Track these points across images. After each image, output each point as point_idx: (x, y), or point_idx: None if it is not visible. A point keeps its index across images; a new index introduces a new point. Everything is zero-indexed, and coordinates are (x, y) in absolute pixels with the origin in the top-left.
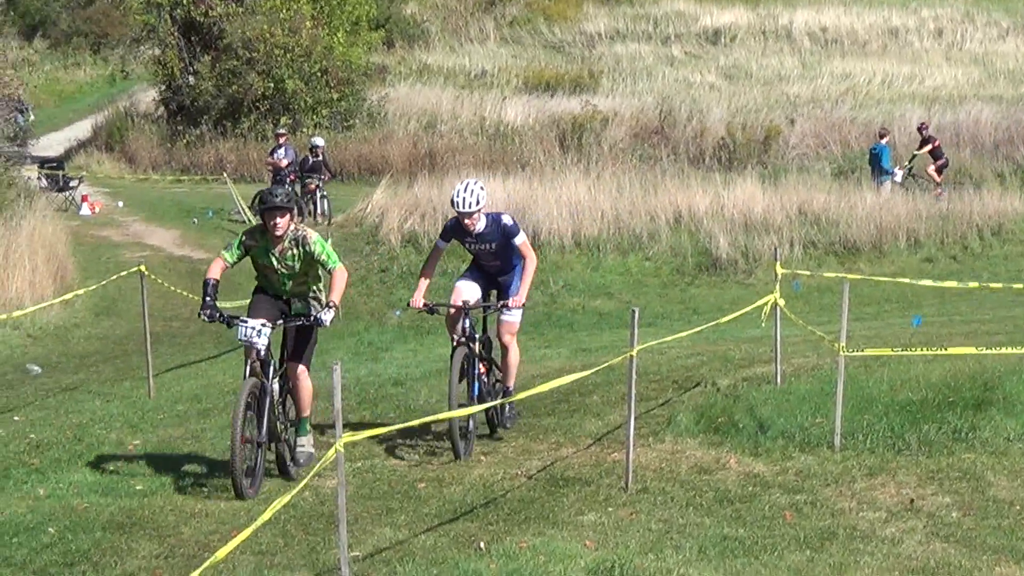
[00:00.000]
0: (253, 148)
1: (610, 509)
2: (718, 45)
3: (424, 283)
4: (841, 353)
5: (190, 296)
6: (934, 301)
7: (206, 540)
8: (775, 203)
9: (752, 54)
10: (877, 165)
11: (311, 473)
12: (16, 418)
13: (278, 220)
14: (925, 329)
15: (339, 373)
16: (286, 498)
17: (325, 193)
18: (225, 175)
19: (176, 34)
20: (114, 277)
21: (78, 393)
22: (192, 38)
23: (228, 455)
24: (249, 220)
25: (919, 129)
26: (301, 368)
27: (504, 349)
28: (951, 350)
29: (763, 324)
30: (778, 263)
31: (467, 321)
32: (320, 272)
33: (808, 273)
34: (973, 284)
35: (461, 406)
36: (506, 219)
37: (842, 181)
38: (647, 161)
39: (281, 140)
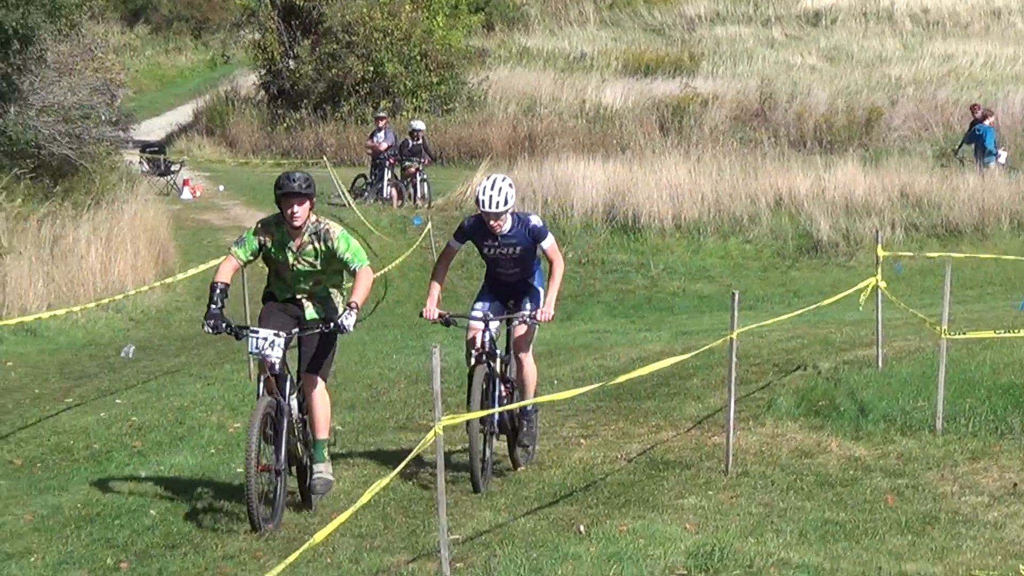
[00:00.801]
0: (353, 132)
1: (710, 493)
2: (819, 27)
3: (436, 289)
4: (943, 336)
5: None
6: None
7: (306, 523)
8: (876, 185)
9: (853, 36)
10: (981, 146)
11: (411, 455)
12: (118, 401)
13: (296, 208)
14: None
15: (438, 356)
16: (385, 481)
17: (425, 176)
18: (325, 159)
19: (276, 18)
20: (214, 261)
21: (179, 376)
22: (292, 22)
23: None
24: (349, 204)
25: None
26: (318, 382)
27: (519, 364)
28: None
29: (861, 308)
30: (879, 246)
31: (488, 334)
32: (343, 272)
33: (910, 254)
34: None
35: (484, 433)
36: (535, 220)
37: (944, 163)
38: (747, 144)
39: (381, 124)
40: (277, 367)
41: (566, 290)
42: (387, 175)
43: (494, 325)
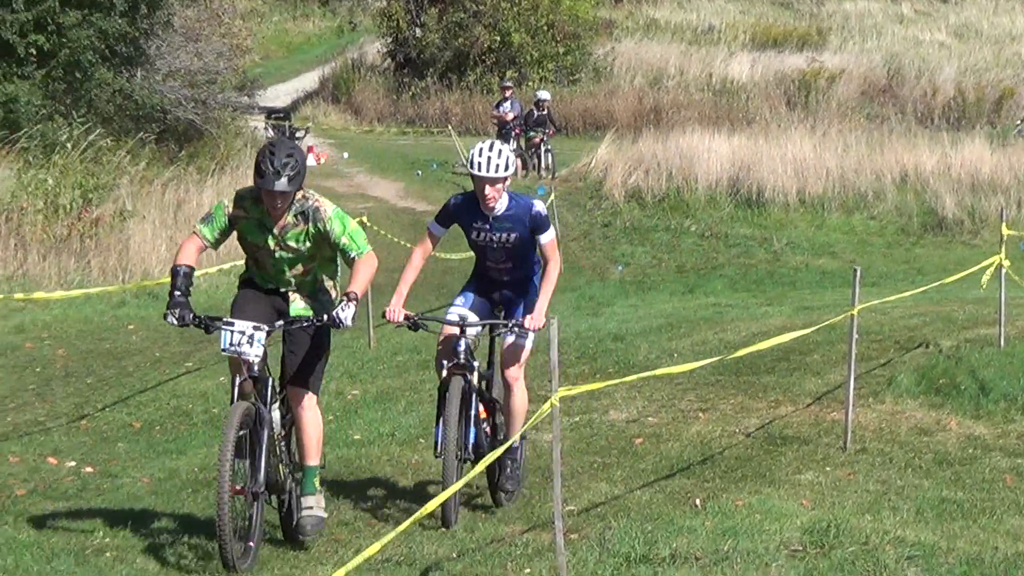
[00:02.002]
0: (478, 101)
1: (828, 469)
2: (948, 3)
3: (405, 285)
4: None
5: (409, 245)
6: None
7: (421, 490)
8: (1003, 164)
9: (983, 12)
10: None
11: (526, 425)
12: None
13: (279, 202)
14: None
15: (557, 326)
16: (500, 450)
17: (550, 147)
18: (450, 128)
19: None
20: None
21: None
22: None
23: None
24: None
25: None
26: (307, 396)
27: (507, 388)
28: None
29: (983, 288)
30: (1004, 224)
31: (464, 343)
32: (337, 259)
33: None
34: None
35: (460, 459)
36: (538, 206)
37: None
38: (874, 119)
39: (507, 93)
40: (257, 368)
41: (688, 262)
42: (512, 145)
43: (472, 331)
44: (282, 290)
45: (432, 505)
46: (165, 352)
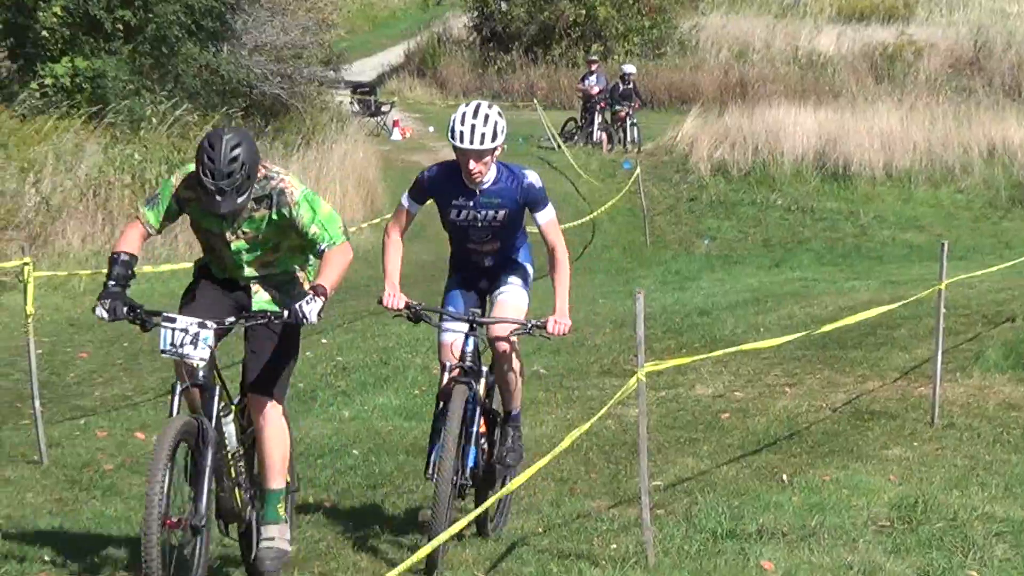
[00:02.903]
0: (564, 75)
1: (915, 444)
2: None
3: (394, 266)
4: None
5: None
6: None
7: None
8: None
9: None
10: None
11: (612, 401)
12: (324, 341)
13: (219, 200)
14: None
15: (642, 301)
16: (586, 426)
17: (635, 121)
18: (536, 101)
19: None
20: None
21: (384, 316)
22: None
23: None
24: (559, 147)
25: None
26: (269, 405)
27: (500, 359)
28: None
29: None
30: None
31: (473, 342)
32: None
33: None
34: None
35: (455, 486)
36: (532, 177)
37: None
38: (961, 92)
39: (592, 67)
40: (201, 375)
41: (775, 236)
42: (597, 119)
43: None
44: (242, 283)
45: (519, 481)
46: None
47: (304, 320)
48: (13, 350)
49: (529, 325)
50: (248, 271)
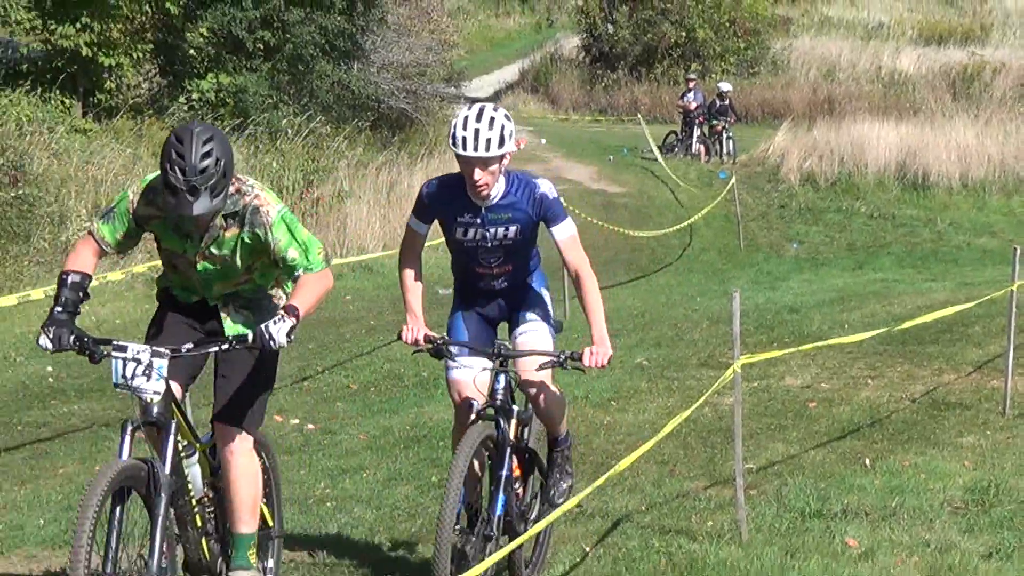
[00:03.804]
0: (665, 91)
1: (988, 433)
2: None
3: (416, 299)
4: None
5: (602, 224)
6: None
7: (613, 449)
8: None
9: None
10: None
11: (710, 391)
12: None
13: (194, 207)
14: None
15: (738, 300)
16: (686, 413)
17: (731, 135)
18: (639, 116)
19: None
20: None
21: None
22: None
23: None
24: (659, 159)
25: None
26: (238, 437)
27: (534, 401)
28: None
29: None
30: None
31: (503, 379)
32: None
33: None
34: None
35: (460, 532)
36: (545, 187)
37: None
38: None
39: (691, 84)
40: (156, 410)
41: (858, 241)
42: (696, 132)
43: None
44: (211, 303)
45: (624, 464)
46: (379, 321)
47: (271, 343)
48: None
49: (563, 357)
50: (216, 290)
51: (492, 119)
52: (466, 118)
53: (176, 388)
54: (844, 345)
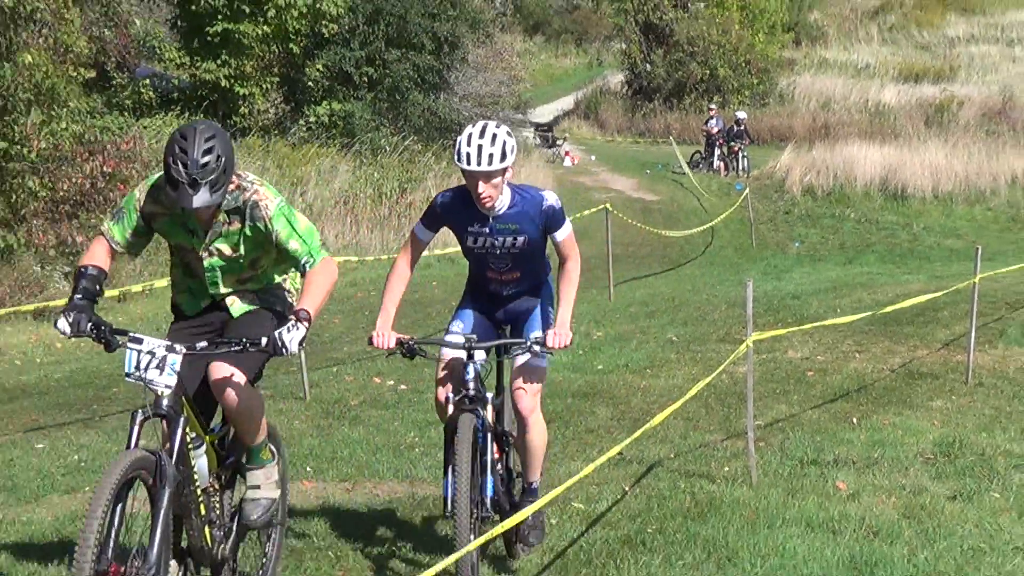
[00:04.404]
0: (692, 119)
1: (953, 398)
2: None
3: (392, 302)
4: None
5: (641, 226)
6: None
7: (648, 407)
8: None
9: None
10: None
11: (727, 361)
12: None
13: (195, 197)
14: None
15: (751, 288)
16: (707, 380)
17: (746, 154)
18: (671, 138)
19: (638, 32)
20: (587, 211)
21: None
22: (649, 36)
23: None
24: (688, 173)
25: None
26: (235, 376)
27: (521, 421)
28: None
29: None
30: None
31: (472, 369)
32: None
33: None
34: None
35: (477, 518)
36: (550, 198)
37: None
38: (992, 135)
39: (713, 113)
40: (166, 403)
41: (848, 241)
42: (717, 152)
43: (481, 355)
44: (218, 299)
45: (658, 419)
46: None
47: (284, 351)
48: None
49: (529, 343)
50: (224, 288)
51: (494, 135)
52: (470, 135)
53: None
54: (836, 325)
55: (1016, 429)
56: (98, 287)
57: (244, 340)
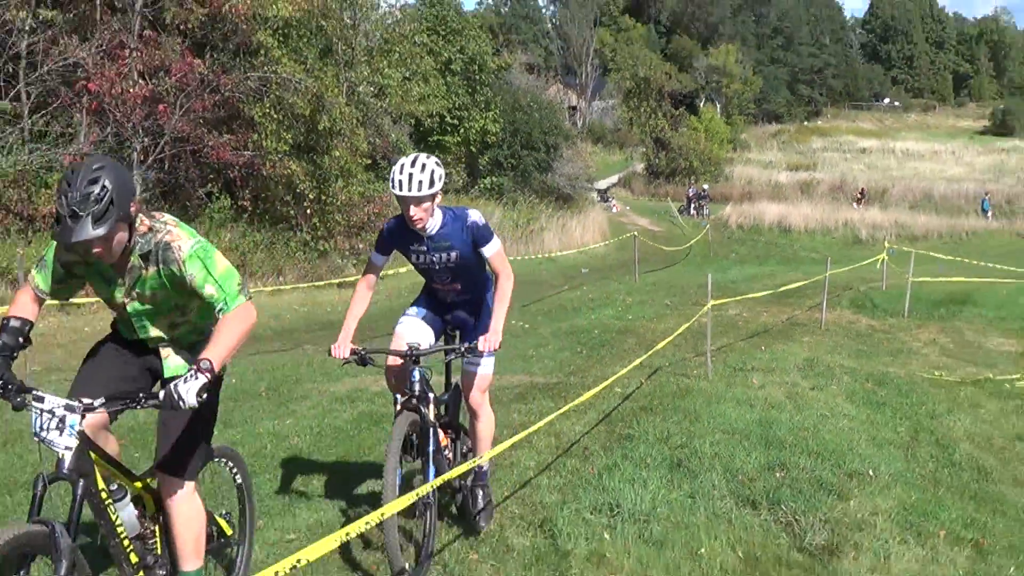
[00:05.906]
0: (680, 188)
1: (815, 336)
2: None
3: (352, 320)
4: None
5: (653, 244)
6: None
7: (655, 339)
8: (885, 219)
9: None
10: None
11: (696, 315)
12: (584, 287)
13: (92, 235)
14: None
15: (710, 278)
16: (685, 325)
17: (708, 208)
18: (668, 199)
19: (651, 142)
20: (624, 235)
21: (607, 281)
22: (657, 144)
23: None
24: (678, 217)
25: None
26: (181, 487)
27: (472, 413)
28: None
29: (877, 267)
30: (886, 242)
31: (417, 373)
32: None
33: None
34: None
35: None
36: (474, 216)
37: None
38: (834, 199)
39: (690, 185)
40: (67, 465)
41: (762, 254)
42: (692, 206)
43: (430, 360)
44: (151, 345)
45: (663, 343)
46: (572, 283)
47: (181, 403)
48: None
49: (462, 348)
50: (154, 333)
51: (424, 164)
52: (402, 164)
53: (99, 420)
54: (756, 298)
55: (845, 353)
56: (20, 339)
57: (140, 396)
